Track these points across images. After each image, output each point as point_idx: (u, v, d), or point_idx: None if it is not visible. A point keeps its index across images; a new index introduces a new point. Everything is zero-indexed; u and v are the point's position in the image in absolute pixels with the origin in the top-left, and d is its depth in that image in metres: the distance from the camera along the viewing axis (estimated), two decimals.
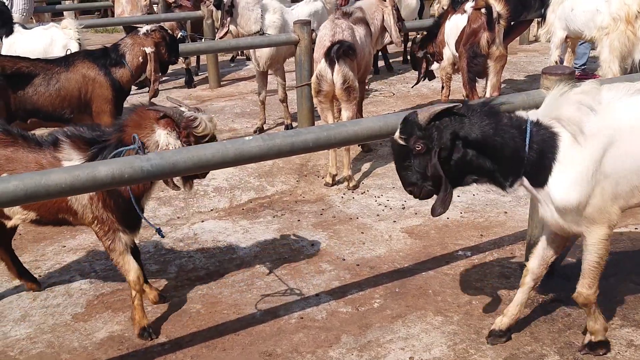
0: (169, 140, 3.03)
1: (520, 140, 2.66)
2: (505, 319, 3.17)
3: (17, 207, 3.16)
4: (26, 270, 3.78)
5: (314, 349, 3.19)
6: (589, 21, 6.52)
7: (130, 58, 4.74)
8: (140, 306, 3.29)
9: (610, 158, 2.65)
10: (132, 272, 3.23)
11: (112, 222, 3.14)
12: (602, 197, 2.68)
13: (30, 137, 3.21)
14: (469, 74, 5.82)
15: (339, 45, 4.91)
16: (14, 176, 2.34)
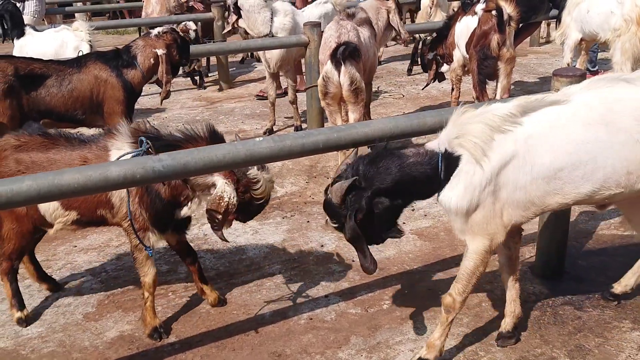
0: (226, 188, 3.01)
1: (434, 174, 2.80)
2: (508, 319, 3.19)
3: (59, 210, 3.19)
4: (45, 274, 3.80)
5: (323, 350, 3.20)
6: (603, 23, 6.49)
7: (142, 59, 4.77)
8: (152, 308, 3.31)
9: (508, 171, 2.71)
10: (150, 275, 3.24)
11: (144, 220, 3.14)
12: (492, 209, 2.75)
13: (73, 136, 3.25)
14: (479, 76, 5.80)
15: (345, 46, 4.90)
16: (28, 176, 2.37)
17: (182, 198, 3.16)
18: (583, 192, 2.76)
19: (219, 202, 3.00)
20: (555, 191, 2.76)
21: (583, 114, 2.73)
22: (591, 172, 2.72)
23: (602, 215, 4.56)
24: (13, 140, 3.21)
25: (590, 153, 2.70)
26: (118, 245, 4.40)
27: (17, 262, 3.47)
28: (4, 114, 4.39)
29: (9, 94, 4.39)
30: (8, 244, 3.34)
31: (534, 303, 3.53)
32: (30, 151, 3.17)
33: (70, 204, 3.18)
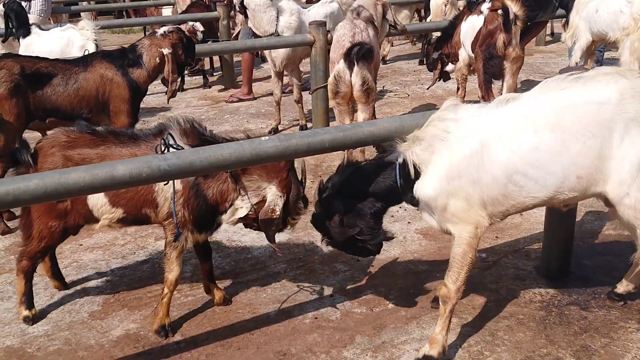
0: (277, 201, 3.09)
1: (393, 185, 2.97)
2: None
3: (106, 207, 3.21)
4: (58, 271, 3.81)
5: (328, 349, 3.20)
6: (612, 22, 6.46)
7: (148, 59, 4.78)
8: (167, 305, 3.31)
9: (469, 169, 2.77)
10: (175, 272, 3.25)
11: (185, 221, 3.14)
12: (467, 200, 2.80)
13: (122, 132, 3.26)
14: (485, 75, 5.79)
15: (359, 47, 4.89)
16: (35, 175, 2.37)
17: (226, 205, 3.18)
18: (539, 197, 2.79)
19: (271, 215, 3.09)
20: (512, 193, 2.79)
21: (533, 119, 2.74)
22: (544, 178, 2.74)
23: (608, 215, 4.54)
24: (62, 137, 3.23)
25: (541, 159, 2.72)
26: (124, 244, 4.41)
27: (40, 261, 3.48)
28: (10, 112, 4.41)
29: (15, 92, 4.40)
30: (38, 242, 3.32)
31: (539, 303, 3.52)
32: (79, 148, 3.18)
33: (118, 201, 3.20)
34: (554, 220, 3.68)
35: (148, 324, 3.46)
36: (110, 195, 3.19)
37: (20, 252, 3.44)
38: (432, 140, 2.82)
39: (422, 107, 7.62)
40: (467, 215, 2.83)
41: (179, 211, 3.12)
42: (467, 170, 2.77)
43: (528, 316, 3.39)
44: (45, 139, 3.32)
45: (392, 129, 3.04)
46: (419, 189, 2.86)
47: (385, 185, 2.99)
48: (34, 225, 3.32)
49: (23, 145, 3.30)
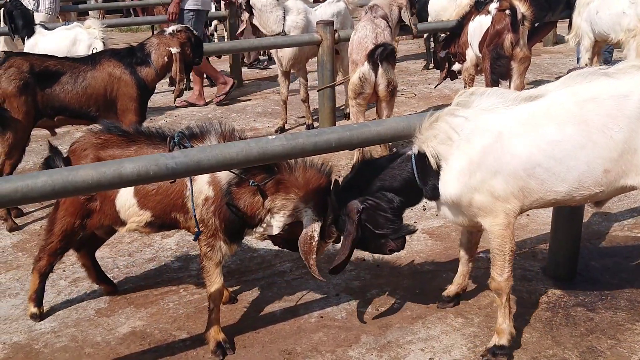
0: (316, 227, 3.01)
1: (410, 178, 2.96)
2: (452, 287, 3.50)
3: (134, 208, 3.17)
4: (104, 275, 3.79)
5: (333, 348, 3.20)
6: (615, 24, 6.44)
7: (156, 57, 4.79)
8: (217, 321, 3.19)
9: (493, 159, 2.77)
10: (217, 284, 3.11)
11: (216, 229, 3.05)
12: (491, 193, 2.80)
13: (154, 133, 3.22)
14: (492, 76, 5.78)
15: (383, 48, 4.90)
16: (43, 172, 2.38)
17: (255, 219, 3.08)
18: (561, 192, 2.78)
19: (310, 243, 2.99)
20: (533, 188, 2.78)
21: (556, 113, 2.73)
22: (566, 172, 2.73)
23: (615, 217, 4.53)
24: (93, 139, 3.22)
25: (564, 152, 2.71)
26: (130, 241, 4.42)
27: (58, 259, 3.47)
28: (19, 110, 4.44)
29: (24, 90, 4.43)
30: (59, 239, 3.33)
31: (545, 304, 3.51)
32: (111, 148, 3.16)
33: (146, 204, 3.14)
34: (561, 221, 3.67)
35: (154, 321, 3.48)
36: (140, 196, 3.14)
37: (40, 248, 3.45)
38: (450, 134, 2.80)
39: (428, 107, 7.60)
40: (494, 207, 2.83)
41: (209, 218, 3.04)
42: (488, 163, 2.76)
43: (534, 317, 3.38)
44: (77, 142, 3.31)
45: (399, 129, 3.04)
46: (442, 186, 2.85)
47: (402, 179, 2.97)
48: (58, 223, 3.32)
49: (54, 152, 3.27)
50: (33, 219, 4.88)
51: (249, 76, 9.69)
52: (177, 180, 3.06)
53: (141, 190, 3.15)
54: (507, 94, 2.87)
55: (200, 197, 3.05)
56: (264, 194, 3.02)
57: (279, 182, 3.04)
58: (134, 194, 3.16)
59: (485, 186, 2.78)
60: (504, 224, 2.85)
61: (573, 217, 3.63)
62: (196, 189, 3.05)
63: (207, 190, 3.04)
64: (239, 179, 3.01)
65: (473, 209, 2.86)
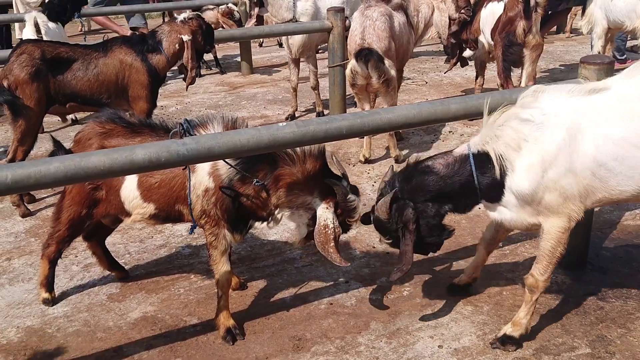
0: (328, 215, 2.98)
1: (469, 180, 2.87)
2: (464, 276, 3.50)
3: (137, 200, 3.18)
4: (115, 262, 3.82)
5: (343, 335, 3.22)
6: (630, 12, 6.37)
7: (167, 45, 4.79)
8: (226, 307, 3.22)
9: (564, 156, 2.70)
10: (223, 272, 3.14)
11: (219, 219, 3.06)
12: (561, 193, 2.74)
13: (157, 125, 3.22)
14: (504, 63, 5.74)
15: (368, 52, 4.88)
16: (55, 158, 2.40)
17: (263, 212, 3.09)
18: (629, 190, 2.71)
19: (325, 232, 2.97)
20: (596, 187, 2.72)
21: (621, 107, 2.66)
22: (632, 170, 2.66)
23: (626, 206, 4.50)
24: (98, 128, 3.23)
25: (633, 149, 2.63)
26: (141, 228, 4.45)
27: (66, 246, 3.50)
28: (31, 97, 4.45)
29: (36, 77, 4.45)
30: (67, 227, 3.36)
31: (556, 293, 3.51)
32: (116, 138, 3.16)
33: (150, 196, 3.16)
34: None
35: (165, 307, 3.51)
36: (143, 189, 3.16)
37: (48, 235, 3.49)
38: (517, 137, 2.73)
39: (440, 95, 7.57)
40: (561, 208, 2.78)
41: (211, 209, 3.04)
42: (560, 161, 2.69)
43: (544, 305, 3.38)
44: (82, 131, 3.32)
45: (410, 116, 3.03)
46: (509, 186, 2.78)
47: (460, 182, 2.88)
48: (65, 211, 3.35)
49: (58, 146, 3.30)
50: (45, 205, 4.92)
51: (259, 63, 9.68)
52: (179, 173, 3.07)
53: (144, 182, 3.15)
54: (571, 88, 2.79)
55: (201, 188, 3.04)
56: (268, 191, 3.01)
57: (283, 177, 3.00)
58: (137, 186, 3.16)
59: (556, 185, 2.71)
60: (564, 227, 2.82)
61: None
62: (197, 180, 3.04)
63: (208, 181, 3.03)
64: (242, 175, 3.00)
65: (540, 208, 2.80)
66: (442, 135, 6.19)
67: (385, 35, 5.05)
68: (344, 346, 3.13)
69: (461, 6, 5.76)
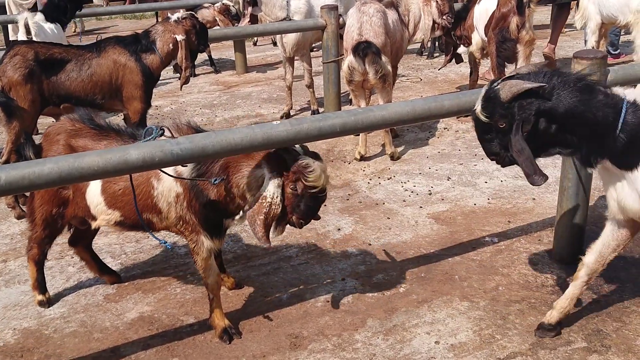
0: (270, 188, 2.78)
1: (613, 120, 2.50)
2: (555, 312, 3.08)
3: (101, 206, 3.15)
4: (106, 266, 3.80)
5: (339, 332, 3.23)
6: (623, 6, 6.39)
7: (161, 45, 4.79)
8: (219, 309, 3.21)
9: None
10: (212, 276, 3.14)
11: (194, 224, 3.03)
12: None
13: (124, 131, 3.18)
14: (497, 59, 5.75)
15: (366, 45, 4.91)
16: (49, 159, 2.40)
17: (232, 206, 3.01)
18: None
19: (261, 203, 2.80)
20: None
21: None
22: None
23: None
24: (68, 125, 3.22)
25: None
26: None
27: (47, 247, 3.49)
28: (25, 98, 4.45)
29: (29, 78, 4.44)
30: (43, 229, 3.35)
31: (551, 287, 3.52)
32: (83, 138, 3.15)
33: (114, 203, 3.11)
34: (566, 205, 3.66)
35: (162, 306, 3.51)
36: (107, 195, 3.12)
37: (28, 238, 3.48)
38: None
39: (434, 91, 7.58)
40: None
41: (185, 214, 3.01)
42: None
43: (540, 300, 3.40)
44: (53, 126, 3.31)
45: (404, 113, 3.04)
46: None
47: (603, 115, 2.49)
48: (37, 212, 3.33)
49: (27, 139, 3.29)
50: None
51: (254, 62, 9.67)
52: (143, 180, 3.03)
53: (108, 189, 3.11)
54: None
55: (172, 195, 3.01)
56: (227, 183, 2.92)
57: (230, 163, 2.91)
58: (101, 192, 3.13)
59: None
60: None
61: (578, 201, 3.62)
62: (165, 187, 3.01)
63: (176, 186, 3.00)
64: (201, 170, 2.93)
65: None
66: (438, 132, 6.20)
67: (382, 31, 5.07)
68: (340, 343, 3.14)
69: (443, 12, 5.77)
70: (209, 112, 7.33)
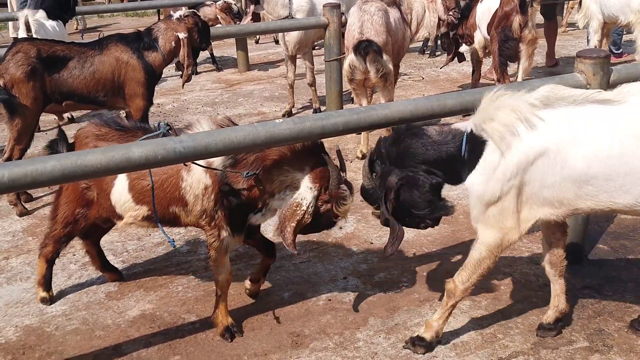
0: (307, 195, 2.86)
1: (457, 152, 2.75)
2: (550, 312, 3.13)
3: (129, 204, 3.14)
4: (108, 263, 3.79)
5: (341, 331, 3.23)
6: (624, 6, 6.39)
7: (163, 42, 4.79)
8: (224, 307, 3.21)
9: (536, 168, 2.60)
10: (224, 273, 3.14)
11: (218, 218, 3.03)
12: (513, 203, 2.67)
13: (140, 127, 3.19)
14: (500, 58, 5.75)
15: (367, 44, 4.90)
16: (52, 156, 2.40)
17: (259, 202, 3.03)
18: (621, 203, 2.59)
19: (295, 209, 2.86)
20: (587, 197, 2.61)
21: (634, 121, 2.52)
22: (630, 185, 2.53)
23: None
24: (94, 130, 3.24)
25: (629, 166, 2.50)
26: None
27: (63, 247, 3.49)
28: (27, 95, 4.45)
29: (32, 76, 4.44)
30: (63, 227, 3.34)
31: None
32: (110, 141, 3.14)
33: (142, 199, 3.11)
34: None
35: (164, 304, 3.51)
36: (134, 192, 3.13)
37: (45, 235, 3.47)
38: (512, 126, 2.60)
39: (436, 90, 7.58)
40: (502, 221, 2.72)
41: (210, 208, 3.00)
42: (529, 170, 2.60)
43: (542, 299, 3.39)
44: (82, 129, 3.33)
45: (406, 112, 3.04)
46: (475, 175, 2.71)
47: (449, 154, 2.75)
48: (60, 210, 3.34)
49: (61, 136, 3.28)
50: (43, 204, 4.92)
51: (256, 60, 9.67)
52: (172, 172, 3.04)
53: (136, 185, 3.12)
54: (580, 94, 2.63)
55: (200, 187, 3.01)
56: (259, 178, 2.94)
57: (269, 156, 2.93)
58: (128, 189, 3.14)
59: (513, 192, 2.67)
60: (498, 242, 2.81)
61: None
62: (194, 179, 3.01)
63: (206, 178, 2.99)
64: (234, 162, 2.95)
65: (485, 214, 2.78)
66: None
67: (383, 29, 5.06)
68: (342, 342, 3.14)
69: (449, 7, 5.76)
70: (210, 110, 7.33)
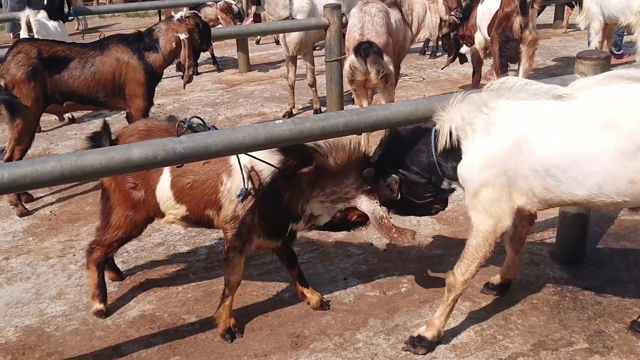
0: (376, 207, 3.04)
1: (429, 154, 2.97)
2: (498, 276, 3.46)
3: (171, 201, 3.14)
4: (111, 263, 3.76)
5: (341, 332, 3.23)
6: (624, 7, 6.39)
7: (164, 43, 4.79)
8: (229, 307, 3.20)
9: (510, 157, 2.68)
10: (236, 275, 3.14)
11: (252, 225, 3.04)
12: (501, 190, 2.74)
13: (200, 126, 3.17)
14: (500, 59, 5.75)
15: (367, 45, 4.90)
16: (52, 157, 2.40)
17: (299, 210, 3.07)
18: (579, 195, 2.64)
19: (384, 223, 3.01)
20: (550, 188, 2.67)
21: (583, 114, 2.59)
22: (584, 176, 2.59)
23: None
24: (141, 126, 3.24)
25: (583, 156, 2.57)
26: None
27: (114, 252, 3.46)
28: (28, 96, 4.45)
29: (32, 76, 4.44)
30: (115, 231, 3.28)
31: (553, 288, 3.52)
32: (155, 137, 3.07)
33: (182, 198, 3.12)
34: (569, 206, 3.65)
35: (164, 305, 3.51)
36: (175, 189, 3.12)
37: (93, 241, 3.39)
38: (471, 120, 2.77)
39: (437, 91, 7.57)
40: (491, 208, 2.77)
41: (244, 214, 3.01)
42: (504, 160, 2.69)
43: (542, 301, 3.39)
44: (127, 127, 3.32)
45: (407, 113, 3.03)
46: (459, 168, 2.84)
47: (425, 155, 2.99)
48: (113, 214, 3.27)
49: (105, 129, 3.21)
50: (43, 204, 4.92)
51: (256, 61, 9.67)
52: (212, 174, 3.05)
53: (177, 183, 3.12)
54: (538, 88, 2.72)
55: (234, 194, 2.98)
56: (300, 183, 2.99)
57: (318, 169, 3.01)
58: (170, 186, 3.14)
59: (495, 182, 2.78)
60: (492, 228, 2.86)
61: None
62: (235, 184, 2.99)
63: (249, 185, 2.98)
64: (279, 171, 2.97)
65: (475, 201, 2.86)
66: None
67: (384, 31, 5.06)
68: (342, 343, 3.14)
69: (451, 7, 5.76)
70: (211, 110, 7.33)
